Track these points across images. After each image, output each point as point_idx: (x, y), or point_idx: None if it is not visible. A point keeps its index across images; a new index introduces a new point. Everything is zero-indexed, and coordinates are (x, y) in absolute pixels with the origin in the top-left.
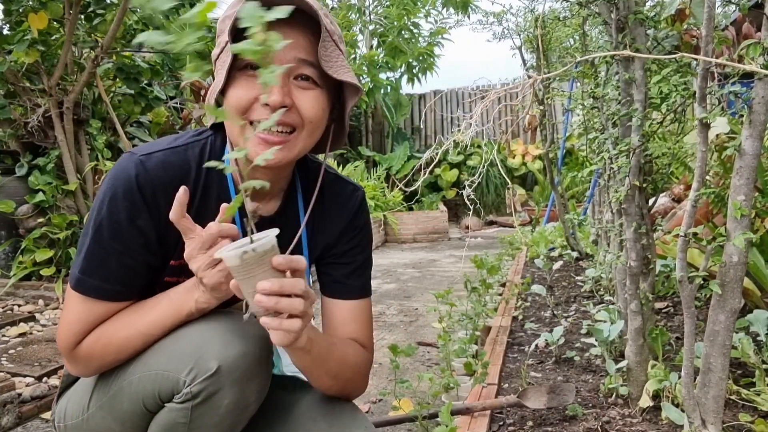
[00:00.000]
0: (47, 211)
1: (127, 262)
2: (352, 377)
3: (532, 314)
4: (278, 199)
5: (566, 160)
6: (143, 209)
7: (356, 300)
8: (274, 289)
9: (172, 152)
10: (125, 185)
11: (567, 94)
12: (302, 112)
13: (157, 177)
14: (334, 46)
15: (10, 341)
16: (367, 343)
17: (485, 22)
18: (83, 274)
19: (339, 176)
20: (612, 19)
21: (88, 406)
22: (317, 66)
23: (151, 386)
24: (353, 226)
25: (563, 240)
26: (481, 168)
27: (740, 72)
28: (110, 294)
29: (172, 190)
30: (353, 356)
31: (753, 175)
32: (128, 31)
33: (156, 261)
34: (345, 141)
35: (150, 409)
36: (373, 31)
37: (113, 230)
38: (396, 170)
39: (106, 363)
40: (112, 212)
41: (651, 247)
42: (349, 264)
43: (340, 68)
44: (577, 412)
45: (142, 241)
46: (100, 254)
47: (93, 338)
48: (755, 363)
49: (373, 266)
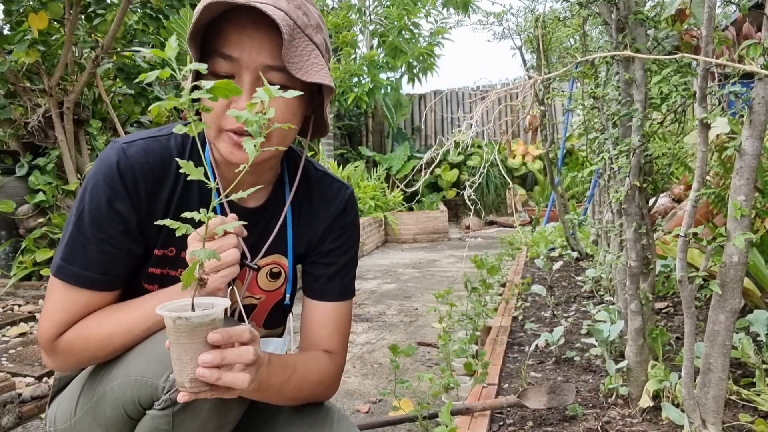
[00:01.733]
0: (47, 211)
1: (107, 249)
2: (313, 392)
3: (532, 314)
4: (265, 191)
5: (566, 160)
6: (123, 195)
7: (335, 303)
8: (215, 362)
9: (154, 140)
10: (106, 171)
11: (567, 95)
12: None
13: (138, 163)
14: (307, 42)
15: (10, 341)
16: (339, 349)
17: (485, 22)
18: (64, 261)
19: (327, 173)
20: (612, 19)
21: (74, 412)
22: (285, 70)
23: (130, 392)
24: (339, 224)
25: (563, 240)
26: (481, 168)
27: (740, 72)
28: (91, 282)
29: (153, 177)
30: (315, 374)
31: (753, 176)
32: (128, 31)
33: (137, 249)
34: (328, 129)
35: (132, 416)
36: (373, 31)
37: (93, 217)
38: (396, 170)
39: (85, 358)
40: (93, 199)
41: (651, 247)
42: (332, 265)
43: (312, 67)
44: (577, 412)
45: (122, 227)
46: (81, 241)
47: (75, 332)
48: (755, 363)
49: (373, 266)
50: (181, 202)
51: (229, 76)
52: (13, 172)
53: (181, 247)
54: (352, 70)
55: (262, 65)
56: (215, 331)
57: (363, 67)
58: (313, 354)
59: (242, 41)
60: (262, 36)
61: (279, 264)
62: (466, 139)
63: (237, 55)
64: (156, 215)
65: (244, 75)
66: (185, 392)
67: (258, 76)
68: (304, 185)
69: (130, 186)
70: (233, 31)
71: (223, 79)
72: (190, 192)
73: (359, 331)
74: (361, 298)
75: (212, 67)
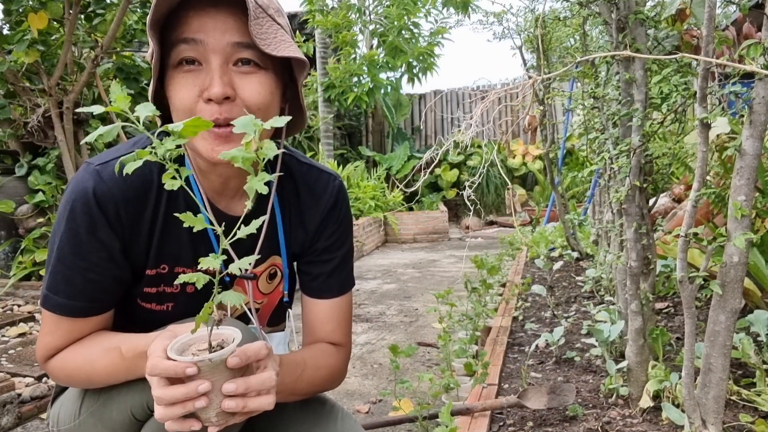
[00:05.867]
0: (47, 211)
1: (91, 277)
2: (324, 384)
3: (532, 314)
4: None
5: (566, 160)
6: (103, 223)
7: (336, 298)
8: (240, 391)
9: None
10: (82, 199)
11: (567, 94)
12: (246, 100)
13: (116, 187)
14: (271, 21)
15: (9, 341)
16: (344, 341)
17: (485, 22)
18: (49, 291)
19: (313, 166)
20: (612, 19)
21: (79, 413)
22: (255, 47)
23: (139, 396)
24: (332, 218)
25: (563, 240)
26: (481, 168)
27: (741, 72)
28: (77, 310)
29: (134, 199)
30: (326, 368)
31: (753, 176)
32: (128, 31)
33: (124, 274)
34: (306, 122)
35: (138, 418)
36: (373, 31)
37: (74, 246)
38: (396, 170)
39: (76, 385)
40: (71, 228)
41: (651, 247)
42: (329, 262)
43: (280, 44)
44: (578, 412)
45: (105, 254)
46: (64, 271)
47: (60, 363)
48: (756, 363)
49: (373, 266)
50: (168, 216)
51: (194, 62)
52: (12, 172)
53: (174, 263)
54: (352, 70)
55: (229, 43)
56: (233, 355)
57: (363, 67)
58: (321, 347)
59: (205, 23)
60: (225, 16)
61: (275, 264)
62: (465, 139)
63: (201, 37)
64: (141, 235)
65: (211, 58)
66: (213, 426)
67: (226, 57)
68: (289, 183)
69: (110, 213)
70: (193, 15)
71: (190, 66)
72: (177, 204)
73: (359, 332)
74: (361, 298)
75: (176, 56)
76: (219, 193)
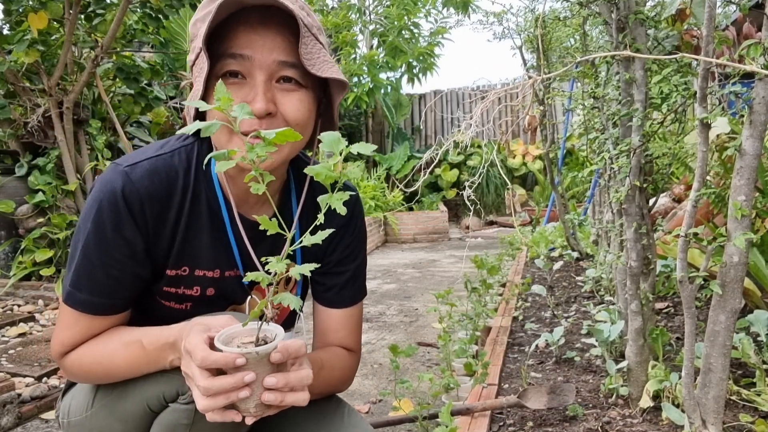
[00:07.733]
0: (47, 211)
1: (113, 273)
2: (336, 385)
3: (532, 314)
4: (274, 201)
5: (566, 160)
6: (129, 221)
7: (348, 308)
8: (279, 385)
9: (157, 160)
10: (110, 198)
11: (567, 94)
12: (287, 116)
13: (144, 187)
14: (315, 41)
15: (9, 341)
16: (356, 347)
17: (485, 22)
18: (73, 288)
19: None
20: (612, 19)
21: (92, 404)
22: (299, 66)
23: (156, 388)
24: (348, 231)
25: (563, 240)
26: (481, 168)
27: (741, 72)
28: (98, 308)
29: (159, 200)
30: (340, 370)
31: (753, 176)
32: (128, 31)
33: (144, 272)
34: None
35: (154, 410)
36: (373, 31)
37: (99, 243)
38: (396, 170)
39: (91, 381)
40: (98, 225)
41: (651, 247)
42: (343, 273)
43: (324, 64)
44: (578, 412)
45: (128, 251)
46: (87, 267)
47: (77, 358)
48: (755, 363)
49: (373, 266)
50: (191, 219)
51: (238, 74)
52: (12, 172)
53: (194, 265)
54: (352, 70)
55: (275, 62)
56: (276, 350)
57: (363, 67)
58: (336, 350)
59: (253, 40)
60: (273, 34)
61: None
62: (465, 139)
63: (249, 53)
64: (164, 236)
65: (257, 74)
66: (251, 417)
67: (270, 74)
68: (309, 194)
69: (136, 212)
70: (242, 30)
71: (234, 79)
72: (199, 208)
73: None
74: None
75: (221, 68)
76: (243, 199)
